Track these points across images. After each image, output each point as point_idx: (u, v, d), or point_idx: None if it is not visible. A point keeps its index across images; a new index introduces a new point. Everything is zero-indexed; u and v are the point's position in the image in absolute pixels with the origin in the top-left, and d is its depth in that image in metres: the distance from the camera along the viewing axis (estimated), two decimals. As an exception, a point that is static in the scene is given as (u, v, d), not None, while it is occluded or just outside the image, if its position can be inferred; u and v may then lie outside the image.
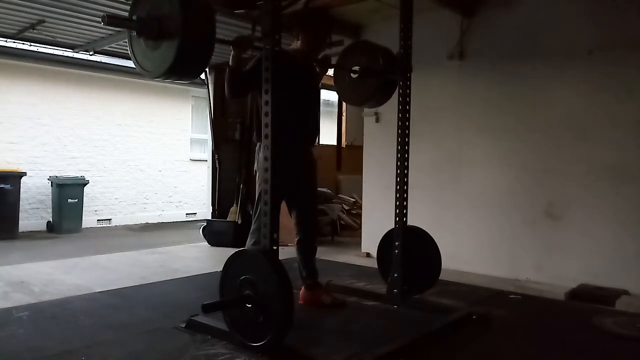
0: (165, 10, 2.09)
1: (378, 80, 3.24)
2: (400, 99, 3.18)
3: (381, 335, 2.76)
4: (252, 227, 2.99)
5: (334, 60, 3.47)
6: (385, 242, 3.31)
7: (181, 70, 2.20)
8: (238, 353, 2.34)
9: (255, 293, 2.27)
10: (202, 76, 6.65)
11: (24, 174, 6.55)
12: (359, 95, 3.40)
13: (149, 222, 8.40)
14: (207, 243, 5.82)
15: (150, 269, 4.42)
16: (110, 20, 2.09)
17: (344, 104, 8.42)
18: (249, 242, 2.98)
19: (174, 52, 2.06)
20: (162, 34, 2.10)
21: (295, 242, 3.18)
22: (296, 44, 3.03)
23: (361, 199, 5.60)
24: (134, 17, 2.17)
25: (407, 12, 3.16)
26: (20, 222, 6.47)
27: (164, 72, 2.15)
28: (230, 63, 2.68)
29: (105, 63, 7.10)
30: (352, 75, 3.28)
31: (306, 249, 3.18)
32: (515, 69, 4.14)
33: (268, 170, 2.34)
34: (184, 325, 2.71)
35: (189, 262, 4.86)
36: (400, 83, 3.19)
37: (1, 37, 5.48)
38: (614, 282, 3.59)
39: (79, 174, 7.35)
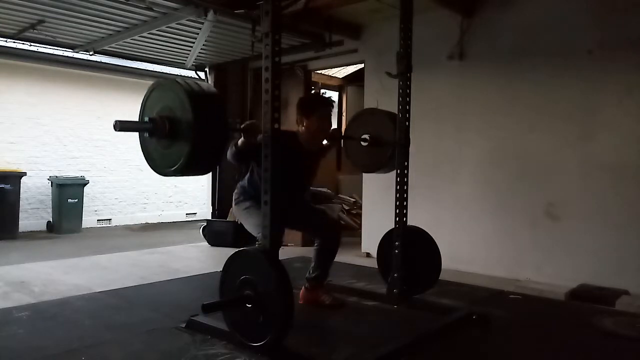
0: (177, 112, 2.08)
1: (390, 146, 3.22)
2: (400, 99, 3.18)
3: (381, 335, 2.76)
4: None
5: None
6: (385, 242, 3.32)
7: (195, 167, 2.19)
8: (238, 353, 2.35)
9: (255, 293, 2.27)
10: (202, 76, 6.65)
11: (24, 174, 6.54)
12: (372, 162, 3.38)
13: (149, 222, 8.40)
14: (207, 243, 5.82)
15: (150, 269, 4.42)
16: (123, 126, 2.07)
17: (344, 103, 8.43)
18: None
19: (187, 151, 2.05)
20: (174, 134, 2.10)
21: (316, 243, 3.18)
22: (301, 129, 3.02)
23: (361, 199, 5.60)
24: (146, 119, 2.17)
25: (407, 12, 3.16)
26: (20, 222, 6.46)
27: (178, 170, 2.13)
28: (238, 144, 2.64)
29: (105, 63, 7.10)
30: (362, 143, 3.29)
31: (326, 252, 3.16)
32: (515, 68, 4.14)
33: (268, 170, 2.34)
34: (184, 325, 2.72)
35: (189, 262, 4.86)
36: (400, 83, 3.19)
37: (1, 37, 5.46)
38: (614, 282, 3.59)
39: (79, 174, 7.34)
